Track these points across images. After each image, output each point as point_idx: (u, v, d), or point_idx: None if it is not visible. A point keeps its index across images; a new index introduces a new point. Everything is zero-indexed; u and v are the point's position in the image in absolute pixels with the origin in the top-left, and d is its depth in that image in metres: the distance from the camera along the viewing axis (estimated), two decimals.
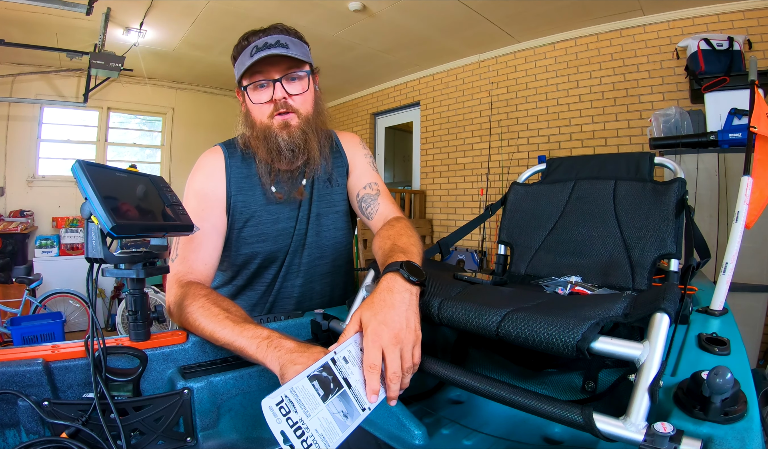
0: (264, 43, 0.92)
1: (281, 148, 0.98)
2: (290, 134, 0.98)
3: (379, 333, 0.60)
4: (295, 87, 0.98)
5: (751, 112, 0.90)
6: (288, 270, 1.09)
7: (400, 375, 0.60)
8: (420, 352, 0.64)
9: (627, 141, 3.51)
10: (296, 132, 0.98)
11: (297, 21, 3.61)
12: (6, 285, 4.07)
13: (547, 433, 0.76)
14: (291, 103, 0.97)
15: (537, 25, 3.70)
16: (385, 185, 1.15)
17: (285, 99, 0.96)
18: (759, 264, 2.32)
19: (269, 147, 0.98)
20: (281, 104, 0.96)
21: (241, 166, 1.04)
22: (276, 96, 0.96)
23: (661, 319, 0.55)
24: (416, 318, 0.65)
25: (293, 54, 0.93)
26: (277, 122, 0.97)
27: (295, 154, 1.00)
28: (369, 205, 1.09)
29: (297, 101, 0.98)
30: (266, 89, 0.97)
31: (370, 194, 1.10)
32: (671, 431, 0.43)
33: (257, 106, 0.97)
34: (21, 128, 4.55)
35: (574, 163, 1.31)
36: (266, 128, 0.98)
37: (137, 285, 0.72)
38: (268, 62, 0.93)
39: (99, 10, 3.29)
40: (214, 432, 0.73)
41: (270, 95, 0.96)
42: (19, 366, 0.62)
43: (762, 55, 2.83)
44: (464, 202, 4.68)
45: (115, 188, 0.65)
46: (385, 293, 0.66)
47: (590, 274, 1.06)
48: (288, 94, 0.96)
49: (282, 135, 0.97)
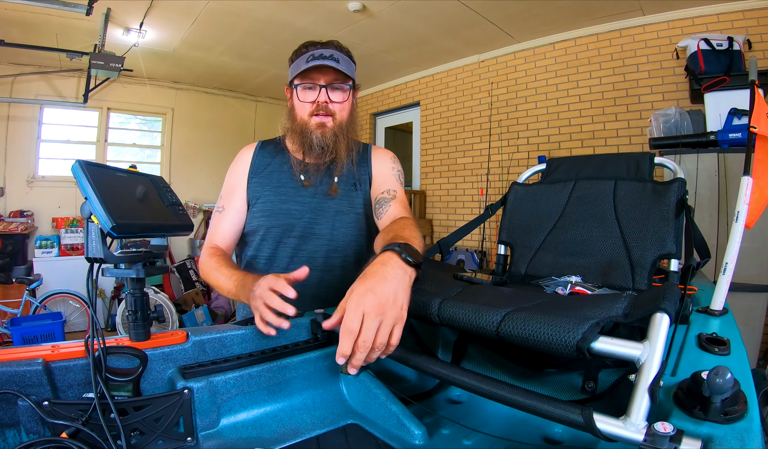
0: (320, 53, 1.08)
1: (313, 143, 1.12)
2: (324, 134, 1.12)
3: (363, 298, 0.60)
4: (337, 95, 1.12)
5: (751, 112, 0.90)
6: (295, 252, 1.17)
7: (369, 346, 0.59)
8: (400, 335, 0.62)
9: (627, 141, 3.51)
10: (329, 133, 1.12)
11: (297, 21, 3.61)
12: (6, 285, 4.07)
13: (547, 433, 0.76)
14: (330, 107, 1.11)
15: (537, 25, 3.70)
16: (405, 196, 1.19)
17: (326, 103, 1.11)
18: (759, 264, 2.32)
19: (303, 140, 1.13)
20: (322, 106, 1.10)
21: (266, 155, 1.21)
22: (319, 99, 1.10)
23: (661, 319, 0.55)
24: (405, 297, 0.64)
25: (342, 68, 1.08)
26: (315, 121, 1.11)
27: (324, 150, 1.13)
28: (382, 206, 1.16)
29: (336, 107, 1.12)
30: (312, 92, 1.11)
31: (386, 198, 1.17)
32: (671, 431, 0.43)
33: (302, 103, 1.12)
34: (21, 128, 4.55)
35: (574, 163, 1.31)
36: (305, 124, 1.12)
37: (137, 285, 0.72)
38: (320, 70, 1.08)
39: (99, 11, 3.29)
40: (214, 432, 0.73)
41: (314, 97, 1.11)
42: (19, 366, 0.62)
43: (762, 55, 2.83)
44: (464, 202, 4.68)
45: (115, 188, 0.65)
46: (378, 266, 0.65)
47: (590, 274, 1.06)
48: (330, 99, 1.11)
49: (317, 133, 1.11)
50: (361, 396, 0.82)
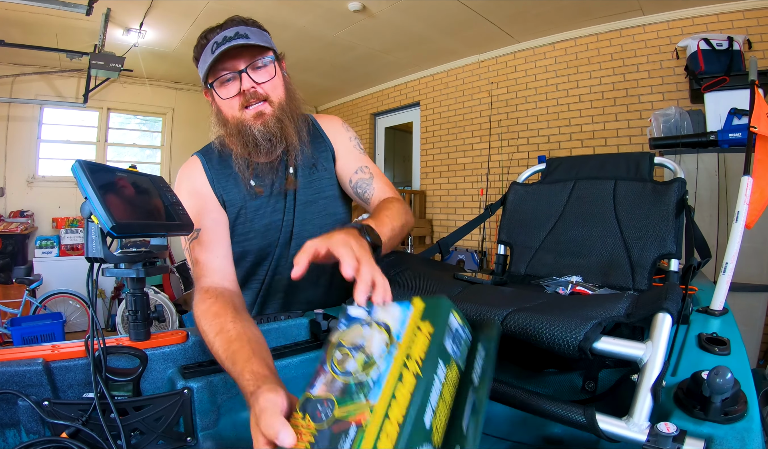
0: (223, 37, 0.90)
1: (257, 139, 0.95)
2: (265, 123, 0.95)
3: (322, 239, 0.59)
4: (261, 75, 0.94)
5: (751, 112, 0.90)
6: (278, 263, 1.07)
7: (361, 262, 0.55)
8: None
9: (627, 141, 3.51)
10: (271, 120, 0.95)
11: (297, 21, 3.61)
12: (6, 285, 4.07)
13: (547, 433, 0.76)
14: (260, 91, 0.94)
15: (537, 25, 3.70)
16: (375, 165, 1.12)
17: (254, 88, 0.93)
18: (759, 264, 2.32)
19: (245, 140, 0.95)
20: (251, 94, 0.93)
21: (219, 166, 1.02)
22: (244, 87, 0.92)
23: (663, 319, 0.55)
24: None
25: (254, 42, 0.91)
26: (250, 113, 0.94)
27: (272, 143, 0.97)
28: (365, 190, 1.06)
29: (266, 88, 0.95)
30: (233, 82, 0.93)
31: (364, 178, 1.06)
32: (674, 431, 0.43)
33: (226, 101, 0.94)
34: (21, 129, 4.54)
35: (574, 162, 1.31)
36: (239, 122, 0.95)
37: (137, 285, 0.71)
38: (231, 56, 0.90)
39: (99, 11, 3.29)
40: (214, 432, 0.72)
41: (238, 88, 0.93)
42: (19, 366, 0.62)
43: (762, 55, 2.82)
44: (464, 202, 4.68)
45: (115, 188, 0.64)
46: (333, 232, 0.62)
47: (590, 274, 1.06)
48: (256, 82, 0.93)
49: (256, 125, 0.94)
50: None
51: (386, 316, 0.49)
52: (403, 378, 0.40)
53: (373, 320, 0.49)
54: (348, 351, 0.46)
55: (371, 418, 0.38)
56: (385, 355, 0.43)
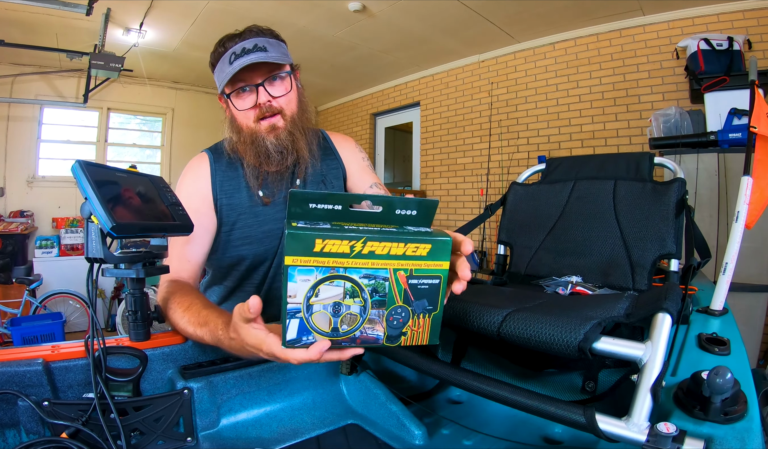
0: (242, 48, 0.92)
1: (269, 151, 0.99)
2: (278, 136, 0.98)
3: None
4: (277, 89, 0.98)
5: (751, 112, 0.90)
6: (277, 271, 1.08)
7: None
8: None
9: (627, 141, 3.50)
10: (283, 133, 0.99)
11: (297, 21, 3.61)
12: (6, 285, 4.07)
13: (547, 433, 0.76)
14: (275, 105, 0.98)
15: (537, 25, 3.70)
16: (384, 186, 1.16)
17: (269, 102, 0.97)
18: (759, 264, 2.32)
19: (257, 151, 0.99)
20: (266, 108, 0.97)
21: (226, 169, 1.05)
22: (260, 100, 0.96)
23: (663, 319, 0.55)
24: None
25: (272, 58, 0.93)
26: (264, 126, 0.98)
27: (283, 155, 1.01)
28: None
29: (281, 102, 0.98)
30: (249, 94, 0.97)
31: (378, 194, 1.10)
32: (674, 431, 0.43)
33: (242, 112, 0.98)
34: (21, 129, 4.55)
35: (574, 163, 1.31)
36: (253, 133, 0.98)
37: (137, 285, 0.72)
38: (249, 68, 0.93)
39: (99, 11, 3.29)
40: (214, 432, 0.73)
41: (254, 100, 0.97)
42: (19, 366, 0.62)
43: (762, 55, 2.82)
44: (464, 202, 4.67)
45: (115, 188, 0.64)
46: None
47: (590, 274, 1.06)
48: (271, 96, 0.97)
49: (269, 138, 0.98)
50: (361, 396, 0.82)
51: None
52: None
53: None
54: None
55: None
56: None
